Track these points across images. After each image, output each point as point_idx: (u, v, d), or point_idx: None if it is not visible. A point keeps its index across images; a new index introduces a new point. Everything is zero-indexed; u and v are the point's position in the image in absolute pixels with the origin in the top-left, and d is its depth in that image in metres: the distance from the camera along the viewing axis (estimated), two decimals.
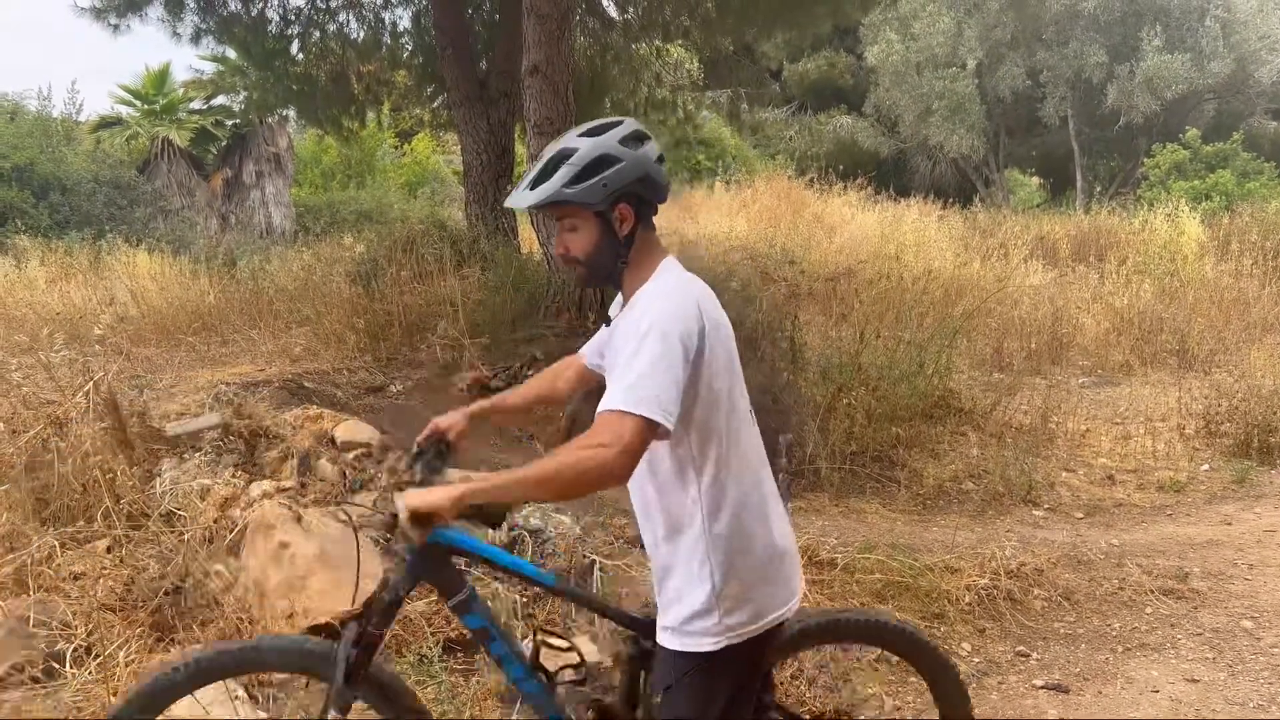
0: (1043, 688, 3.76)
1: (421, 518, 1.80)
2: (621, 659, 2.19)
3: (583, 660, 2.17)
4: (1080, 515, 5.69)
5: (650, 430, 1.69)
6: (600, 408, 1.73)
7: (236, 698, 2.93)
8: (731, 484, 1.89)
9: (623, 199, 1.86)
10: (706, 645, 1.89)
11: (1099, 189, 23.17)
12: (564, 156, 1.85)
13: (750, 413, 1.99)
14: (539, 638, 2.20)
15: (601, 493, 5.46)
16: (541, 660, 2.16)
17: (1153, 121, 21.52)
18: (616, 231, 1.88)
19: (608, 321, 2.06)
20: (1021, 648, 4.06)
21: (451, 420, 2.25)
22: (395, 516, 1.83)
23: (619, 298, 2.05)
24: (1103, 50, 21.58)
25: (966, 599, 4.28)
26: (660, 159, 1.92)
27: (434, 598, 3.51)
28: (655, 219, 1.96)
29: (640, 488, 1.95)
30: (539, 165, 1.88)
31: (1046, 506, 5.80)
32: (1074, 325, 10.14)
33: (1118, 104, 21.53)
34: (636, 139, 1.88)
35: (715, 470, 1.87)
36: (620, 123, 1.90)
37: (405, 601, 2.11)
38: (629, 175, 1.85)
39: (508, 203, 1.98)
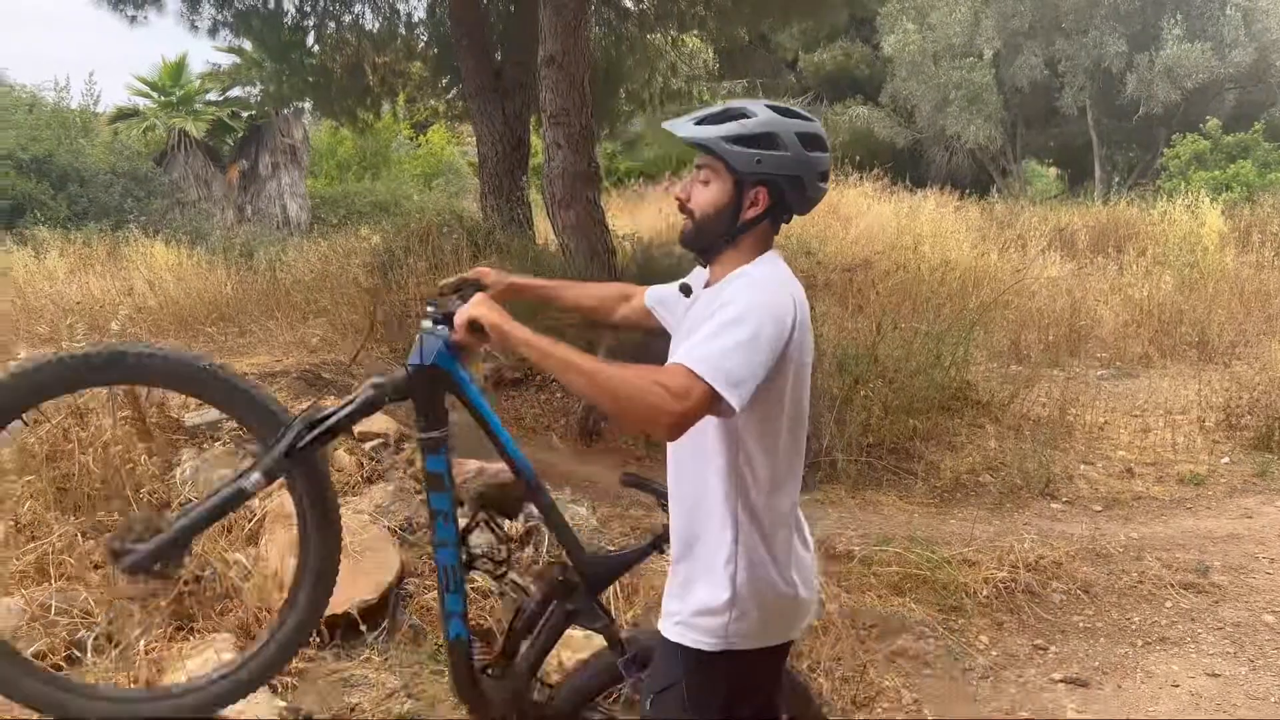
0: (1061, 681, 3.75)
1: (477, 329, 1.76)
2: (540, 590, 2.11)
3: (509, 557, 2.14)
4: (1099, 508, 5.66)
5: (715, 404, 1.61)
6: (676, 359, 1.64)
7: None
8: (776, 494, 1.84)
9: (765, 184, 1.79)
10: (708, 644, 1.82)
11: (1118, 180, 22.96)
12: (741, 114, 1.79)
13: (805, 432, 1.92)
14: (481, 516, 2.16)
15: (617, 483, 5.48)
16: (470, 539, 2.08)
17: (1173, 111, 21.30)
18: (742, 209, 1.82)
19: (684, 290, 2.01)
20: (1040, 641, 4.04)
21: (496, 277, 2.18)
22: (450, 315, 1.83)
23: (697, 270, 2.01)
24: (1122, 39, 21.36)
25: (984, 592, 4.27)
26: (823, 176, 1.85)
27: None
28: (776, 233, 1.89)
29: (684, 466, 1.88)
30: (715, 108, 1.82)
31: (1065, 499, 5.77)
32: (1092, 317, 10.07)
33: (1137, 94, 21.32)
34: (813, 142, 1.81)
35: (766, 475, 1.81)
36: (812, 120, 1.83)
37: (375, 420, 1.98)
38: (786, 166, 1.78)
39: (668, 124, 1.88)
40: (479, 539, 3.93)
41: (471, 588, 3.56)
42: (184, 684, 2.13)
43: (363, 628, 3.48)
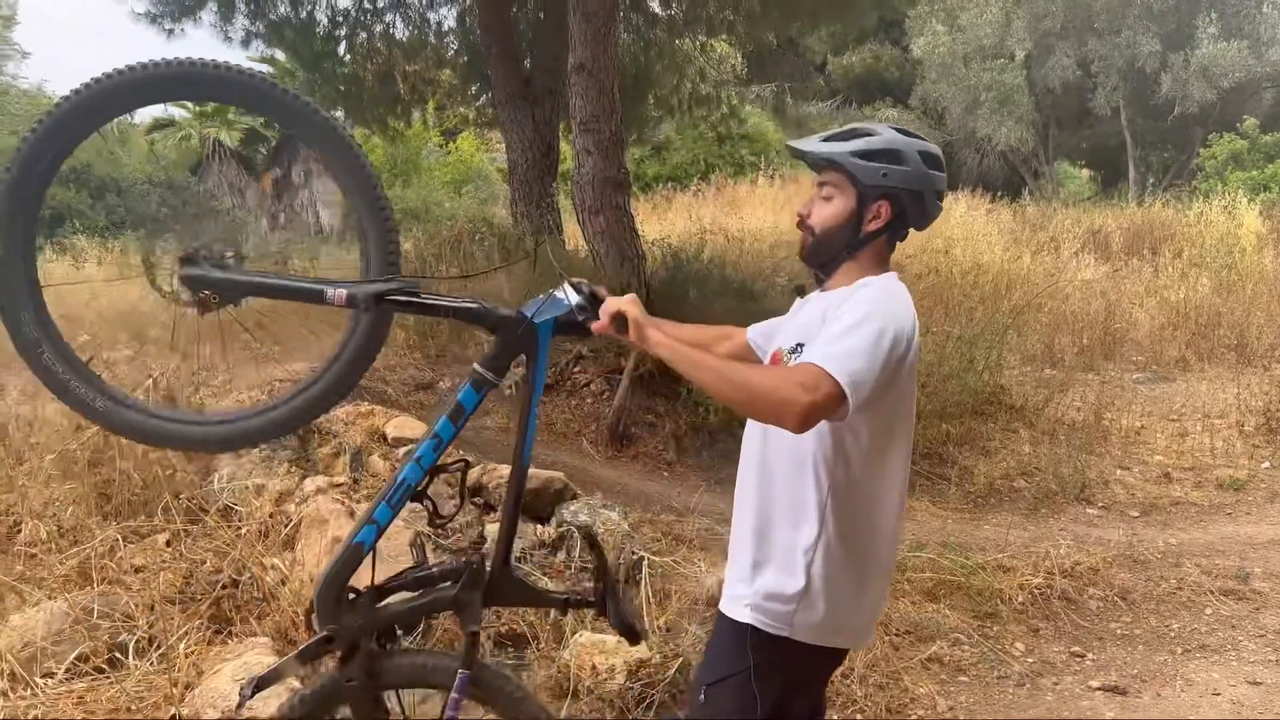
0: (1099, 689, 3.70)
1: (621, 322, 1.85)
2: (449, 565, 2.02)
3: (447, 522, 2.05)
4: (1136, 514, 5.59)
5: (840, 401, 1.66)
6: (806, 358, 1.71)
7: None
8: (869, 501, 1.86)
9: (889, 198, 1.85)
10: (774, 628, 1.85)
11: (1152, 181, 22.69)
12: (865, 133, 1.88)
13: (908, 452, 1.94)
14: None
15: (648, 488, 5.49)
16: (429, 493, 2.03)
17: (1209, 111, 21.03)
18: (864, 222, 1.87)
19: (801, 292, 2.08)
20: (1077, 648, 4.00)
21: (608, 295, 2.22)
22: (595, 296, 1.92)
23: (797, 301, 2.07)
24: (1156, 39, 21.12)
25: (1020, 598, 4.24)
26: (940, 195, 1.91)
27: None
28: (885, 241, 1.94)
29: (772, 449, 1.91)
30: (837, 129, 1.91)
31: (1100, 505, 5.71)
32: (1127, 320, 9.96)
33: (1172, 93, 21.07)
34: (933, 161, 1.88)
35: (861, 479, 1.85)
36: (923, 139, 1.91)
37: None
38: (909, 181, 1.85)
39: (796, 142, 1.95)
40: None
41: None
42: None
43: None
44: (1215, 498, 5.87)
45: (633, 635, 1.94)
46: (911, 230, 1.95)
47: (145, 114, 25.67)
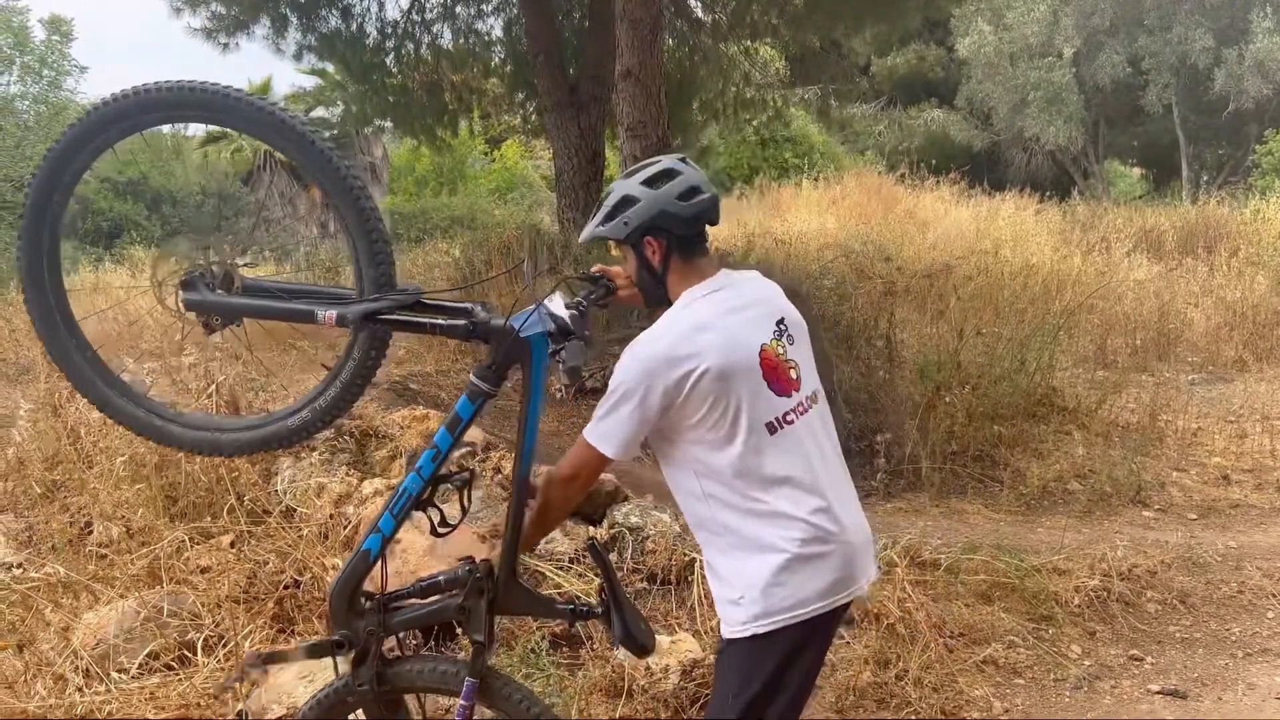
0: (1158, 693, 3.66)
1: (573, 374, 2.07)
2: (455, 573, 2.08)
3: (443, 522, 2.08)
4: (1194, 516, 5.50)
5: (604, 462, 2.01)
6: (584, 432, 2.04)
7: None
8: (750, 484, 1.98)
9: (649, 233, 2.06)
10: (732, 632, 2.03)
11: (1206, 178, 22.23)
12: (604, 198, 2.12)
13: (780, 426, 2.01)
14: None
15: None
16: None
17: (1264, 106, 20.55)
18: (651, 263, 2.09)
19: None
20: (1135, 652, 3.95)
21: (626, 282, 2.31)
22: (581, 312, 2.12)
23: None
24: (1209, 34, 20.70)
25: (1076, 601, 4.19)
26: (689, 192, 2.05)
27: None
28: (694, 244, 2.11)
29: (679, 496, 2.12)
30: (599, 207, 2.14)
31: (1157, 507, 5.62)
32: (1182, 320, 9.78)
33: (1226, 89, 20.63)
34: (665, 177, 2.06)
35: (732, 472, 1.99)
36: (646, 165, 2.11)
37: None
38: (647, 213, 2.04)
39: (581, 237, 2.26)
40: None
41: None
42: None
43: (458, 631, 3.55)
44: (1276, 500, 5.75)
45: (637, 648, 1.99)
46: (707, 225, 2.12)
47: (197, 127, 26.26)
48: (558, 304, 1.99)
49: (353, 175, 1.95)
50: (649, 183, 2.06)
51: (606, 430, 1.99)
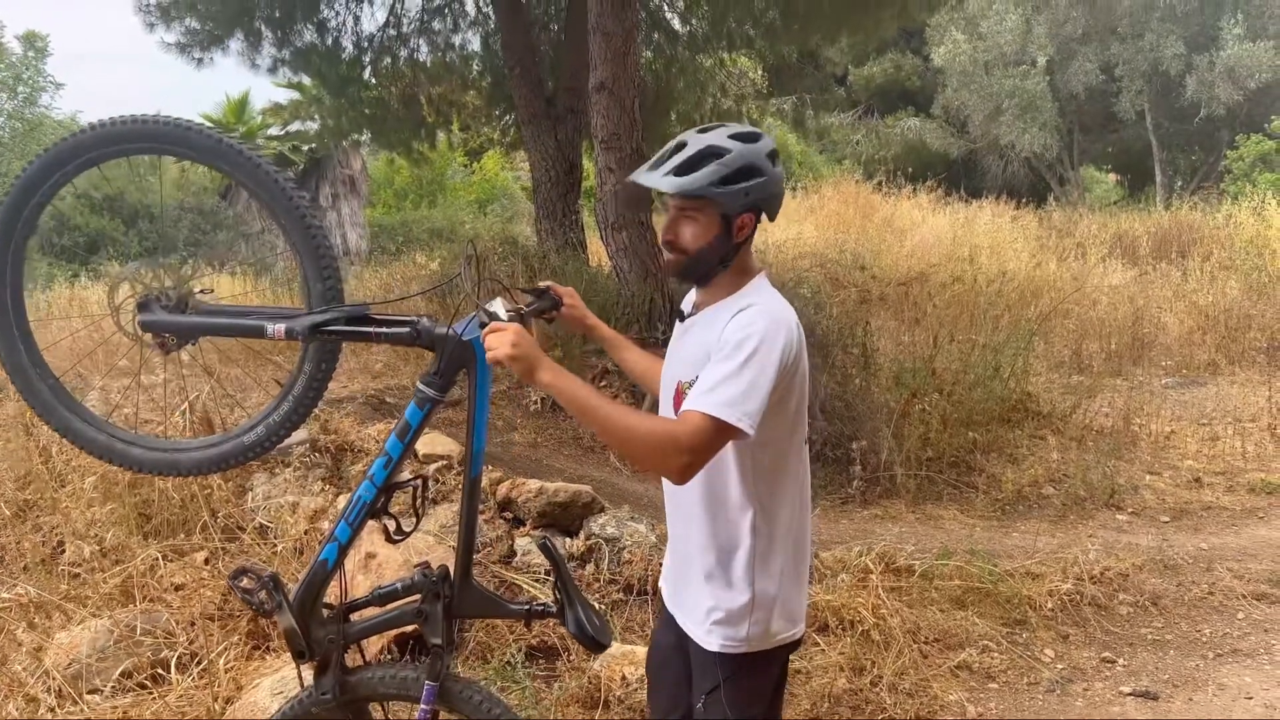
0: (1130, 695, 3.70)
1: (514, 360, 1.80)
2: (413, 579, 2.06)
3: (399, 530, 2.08)
4: (1166, 519, 5.56)
5: (728, 434, 1.74)
6: (692, 402, 1.77)
7: None
8: (785, 505, 1.95)
9: (750, 209, 1.92)
10: (740, 648, 1.95)
11: (1179, 184, 22.48)
12: (715, 154, 1.88)
13: (805, 443, 2.02)
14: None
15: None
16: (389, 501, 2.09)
17: (1235, 112, 20.81)
18: (733, 236, 1.93)
19: (681, 317, 2.10)
20: (1107, 654, 3.99)
21: (574, 302, 2.25)
22: (519, 314, 1.92)
23: (692, 294, 2.11)
24: (1180, 41, 20.95)
25: (1049, 605, 4.24)
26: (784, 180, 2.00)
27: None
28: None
29: (689, 489, 1.95)
30: (685, 154, 1.89)
31: (1130, 510, 5.68)
32: (1156, 324, 9.89)
33: (1197, 95, 20.88)
34: (774, 157, 1.94)
35: (778, 484, 1.93)
36: (761, 136, 1.94)
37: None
38: (766, 190, 1.91)
39: (645, 180, 1.95)
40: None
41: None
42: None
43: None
44: (1247, 501, 5.82)
45: (593, 644, 1.97)
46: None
47: None
48: (498, 306, 1.94)
49: (299, 195, 1.96)
50: (770, 158, 1.93)
51: (736, 397, 1.73)
